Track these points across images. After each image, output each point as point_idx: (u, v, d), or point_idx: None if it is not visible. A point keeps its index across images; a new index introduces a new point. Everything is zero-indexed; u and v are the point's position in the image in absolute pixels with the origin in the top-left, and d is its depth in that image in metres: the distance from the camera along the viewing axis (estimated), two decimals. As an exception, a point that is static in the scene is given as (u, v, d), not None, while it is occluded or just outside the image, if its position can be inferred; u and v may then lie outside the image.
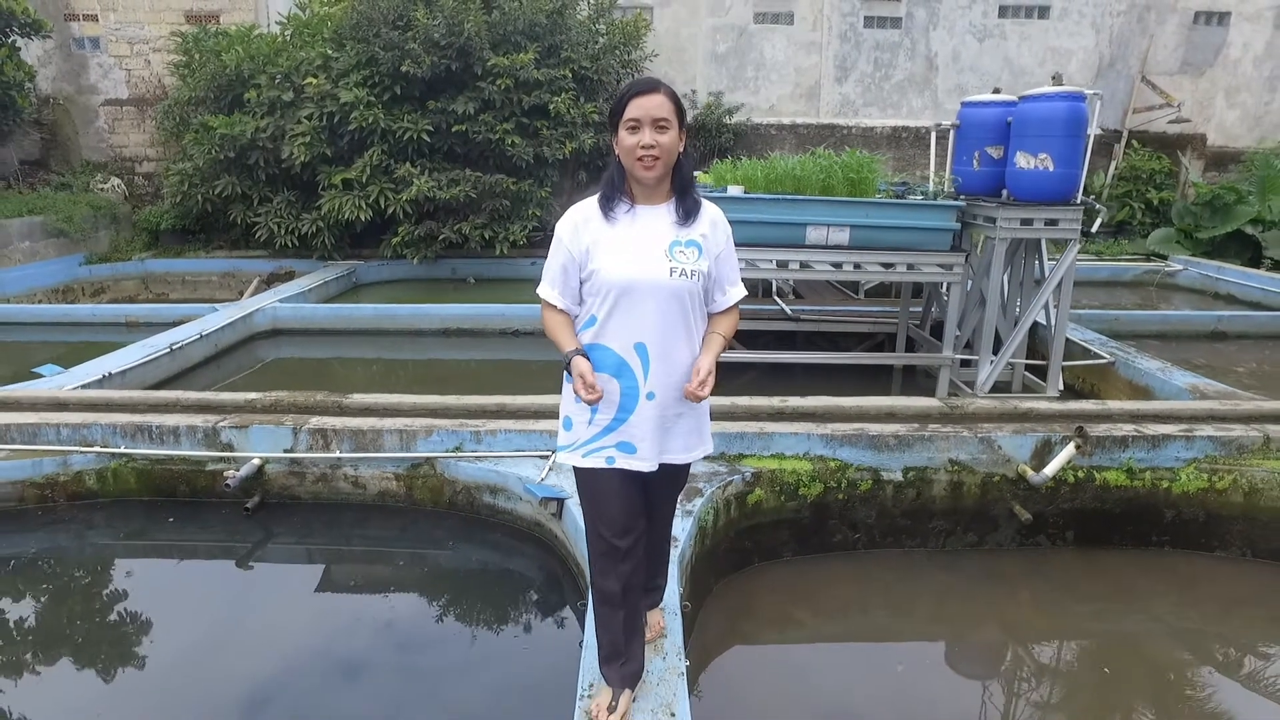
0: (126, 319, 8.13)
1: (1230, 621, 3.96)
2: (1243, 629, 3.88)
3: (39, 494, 4.22)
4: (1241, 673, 3.52)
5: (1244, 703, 3.27)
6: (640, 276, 2.13)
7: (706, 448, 2.37)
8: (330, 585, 3.92)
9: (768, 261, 5.79)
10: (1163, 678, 3.47)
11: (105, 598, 3.81)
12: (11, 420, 4.27)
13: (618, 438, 2.21)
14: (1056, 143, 5.58)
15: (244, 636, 3.53)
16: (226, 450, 4.26)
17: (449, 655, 3.38)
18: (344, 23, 9.76)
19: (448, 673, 3.28)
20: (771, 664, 3.57)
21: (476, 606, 3.71)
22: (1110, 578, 4.16)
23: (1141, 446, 4.24)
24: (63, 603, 3.78)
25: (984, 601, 4.03)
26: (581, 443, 2.25)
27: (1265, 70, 12.59)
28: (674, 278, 2.13)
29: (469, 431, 4.17)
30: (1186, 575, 4.22)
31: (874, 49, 12.43)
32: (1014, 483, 4.19)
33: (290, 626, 3.63)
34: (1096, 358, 6.42)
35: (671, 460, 2.29)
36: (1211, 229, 11.45)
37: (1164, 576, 4.22)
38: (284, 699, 3.08)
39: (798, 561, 4.16)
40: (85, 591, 3.88)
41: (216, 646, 3.42)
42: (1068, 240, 5.83)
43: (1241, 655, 3.65)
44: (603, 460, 2.23)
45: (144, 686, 3.21)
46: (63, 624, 3.61)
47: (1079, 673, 3.53)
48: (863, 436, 4.15)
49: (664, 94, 2.10)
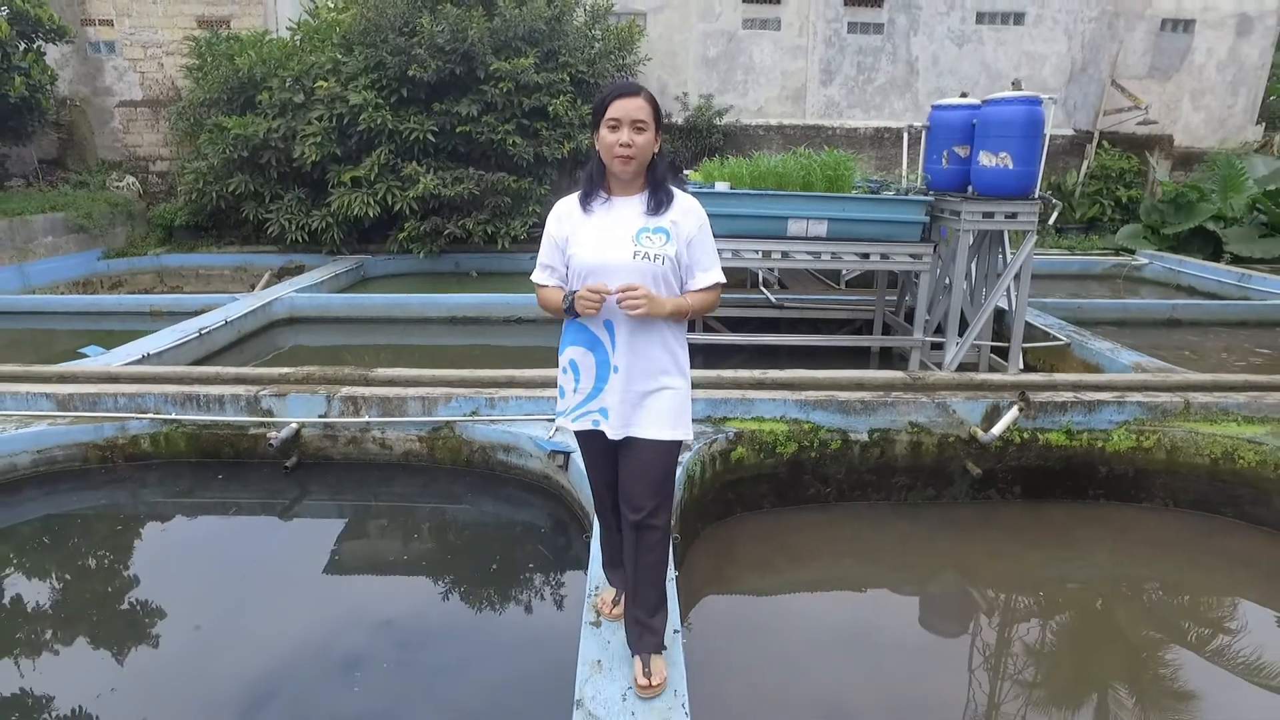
0: (151, 308, 8.63)
1: (1156, 564, 4.48)
2: (1168, 571, 4.40)
3: (100, 455, 4.73)
4: (1165, 609, 4.05)
5: (1168, 632, 3.80)
6: (606, 260, 2.31)
7: (678, 432, 2.42)
8: (360, 534, 4.45)
9: (752, 252, 6.31)
10: (1100, 615, 3.96)
11: (160, 545, 4.33)
12: (75, 390, 4.78)
13: (599, 403, 2.43)
14: (1016, 143, 6.09)
15: (286, 578, 4.05)
16: (266, 416, 4.78)
17: (469, 588, 3.90)
18: (353, 29, 10.28)
19: (468, 603, 3.80)
20: (751, 602, 4.06)
21: (493, 548, 4.24)
22: (1053, 527, 4.69)
23: (1079, 411, 4.79)
24: (124, 549, 4.29)
25: (942, 548, 4.54)
26: (571, 409, 2.49)
27: (1228, 75, 13.22)
28: (636, 260, 2.30)
29: (484, 398, 4.71)
30: (1119, 524, 4.75)
31: (857, 53, 13.01)
32: (967, 442, 4.74)
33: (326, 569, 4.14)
34: (1054, 340, 6.98)
35: (637, 434, 2.41)
36: (1176, 225, 12.04)
37: (1099, 525, 4.75)
38: (321, 629, 3.58)
39: (775, 512, 4.69)
40: (143, 539, 4.39)
41: (262, 586, 3.93)
42: (1026, 232, 6.38)
43: (1167, 594, 4.17)
44: (589, 423, 2.45)
45: (197, 619, 3.65)
46: (126, 567, 4.12)
47: (1027, 611, 4.03)
48: (833, 402, 4.70)
49: (643, 98, 2.27)
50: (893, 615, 4.01)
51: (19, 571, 4.00)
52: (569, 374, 2.46)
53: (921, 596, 4.18)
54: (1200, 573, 4.38)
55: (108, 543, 4.35)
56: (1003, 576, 4.30)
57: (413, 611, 3.76)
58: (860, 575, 4.32)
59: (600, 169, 2.37)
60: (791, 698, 3.28)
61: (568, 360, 2.46)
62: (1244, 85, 13.40)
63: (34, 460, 4.58)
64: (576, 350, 2.43)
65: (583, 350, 2.42)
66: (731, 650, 3.59)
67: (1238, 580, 4.30)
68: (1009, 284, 6.61)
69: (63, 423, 4.66)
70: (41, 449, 4.59)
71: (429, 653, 3.41)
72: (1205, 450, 4.65)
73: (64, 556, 4.18)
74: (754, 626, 3.83)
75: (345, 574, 4.07)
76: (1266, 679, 3.40)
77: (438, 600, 3.83)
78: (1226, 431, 4.67)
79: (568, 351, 2.46)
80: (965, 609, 4.12)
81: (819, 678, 3.43)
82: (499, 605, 3.77)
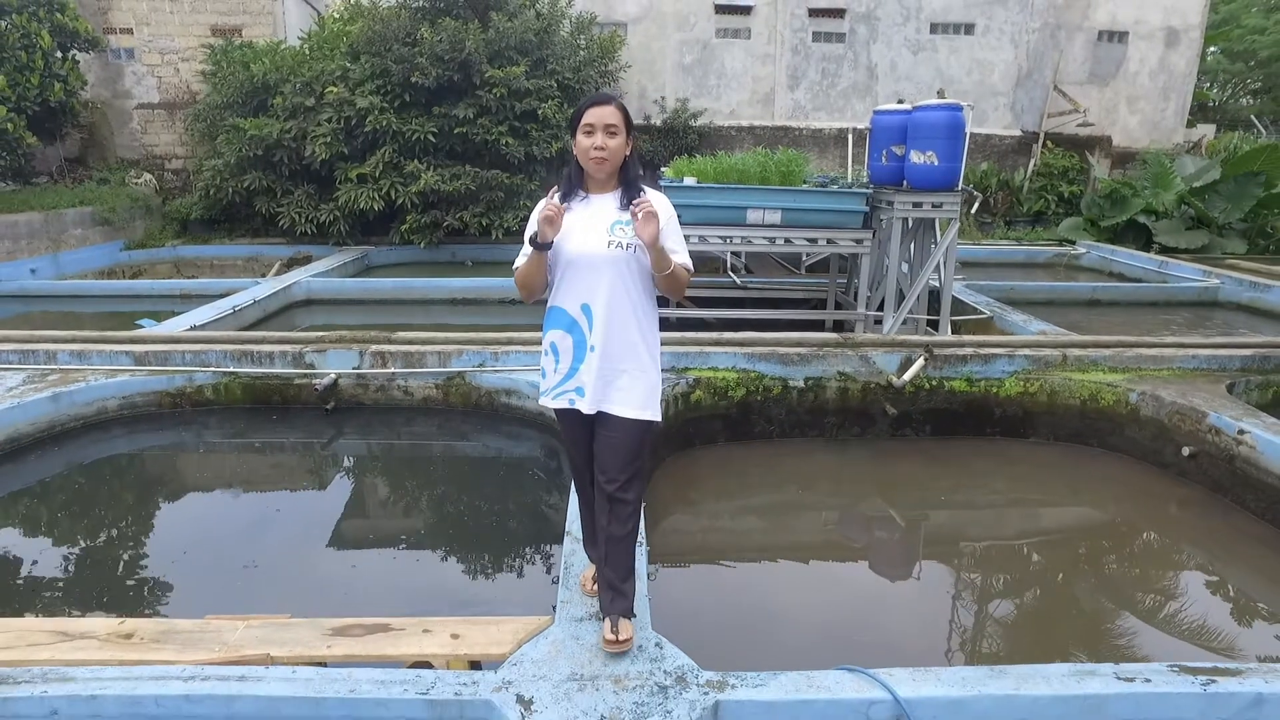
0: (181, 292, 9.59)
1: (1040, 486, 5.47)
2: (1049, 491, 5.40)
3: (172, 401, 5.71)
4: (1046, 519, 5.07)
5: (1048, 537, 4.81)
6: (583, 249, 2.53)
7: (647, 413, 2.60)
8: (387, 463, 5.47)
9: (716, 238, 7.34)
10: (994, 527, 4.92)
11: (222, 469, 5.34)
12: (150, 349, 5.77)
13: (575, 383, 2.61)
14: (940, 143, 7.12)
15: (327, 496, 5.06)
16: (309, 369, 5.77)
17: (475, 502, 4.92)
18: (360, 39, 11.26)
19: (474, 512, 4.83)
20: (706, 518, 4.95)
21: (498, 468, 5.27)
22: (957, 458, 5.69)
23: (977, 362, 5.86)
24: (194, 473, 5.29)
25: (867, 476, 5.53)
26: (553, 387, 2.67)
27: (1159, 82, 14.43)
28: (610, 249, 2.52)
29: (489, 352, 5.72)
30: (1010, 456, 5.78)
31: (821, 60, 14.11)
32: (885, 388, 5.79)
33: (359, 488, 5.16)
34: (979, 314, 8.08)
35: (610, 410, 2.60)
36: (1112, 218, 13.21)
37: (995, 457, 5.77)
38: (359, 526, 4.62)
39: (728, 446, 5.71)
40: (209, 466, 5.39)
41: (308, 502, 4.95)
42: (951, 219, 7.45)
43: (1048, 509, 5.20)
44: (566, 401, 2.64)
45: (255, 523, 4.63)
46: (197, 486, 5.13)
47: (937, 526, 4.93)
48: (775, 355, 5.74)
49: (614, 106, 2.49)
50: (826, 530, 4.94)
51: (120, 488, 5.01)
52: (550, 355, 2.67)
53: (851, 515, 5.13)
54: (1073, 491, 5.38)
55: (180, 468, 5.36)
56: (917, 499, 5.24)
57: (434, 508, 4.79)
58: (799, 498, 5.27)
59: (579, 171, 2.60)
60: (741, 601, 3.98)
61: (549, 343, 2.66)
62: (1174, 92, 14.63)
63: (119, 405, 5.56)
64: (557, 333, 2.62)
65: (562, 333, 2.61)
66: (690, 555, 4.46)
67: (1100, 496, 5.33)
68: (939, 263, 7.69)
69: (141, 375, 5.64)
70: (125, 395, 5.57)
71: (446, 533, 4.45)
72: (1076, 394, 5.72)
73: (148, 477, 5.20)
74: (709, 539, 4.71)
75: (375, 491, 5.09)
76: (1113, 565, 4.48)
77: (454, 502, 4.86)
78: (1093, 378, 5.75)
79: (549, 334, 2.66)
80: (886, 526, 4.99)
81: (762, 581, 4.24)
82: (503, 506, 4.80)
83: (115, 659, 2.50)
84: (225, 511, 4.81)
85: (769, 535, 4.77)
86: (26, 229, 10.52)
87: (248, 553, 4.15)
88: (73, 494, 4.87)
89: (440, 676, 2.44)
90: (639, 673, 2.49)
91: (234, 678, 2.39)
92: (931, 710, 2.41)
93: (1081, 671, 2.54)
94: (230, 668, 2.45)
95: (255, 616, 2.75)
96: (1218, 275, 10.14)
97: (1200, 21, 14.16)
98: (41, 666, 2.39)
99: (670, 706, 2.34)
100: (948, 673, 2.53)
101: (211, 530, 4.51)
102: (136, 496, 4.92)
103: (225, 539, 4.36)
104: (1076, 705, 2.43)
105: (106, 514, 4.66)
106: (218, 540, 4.34)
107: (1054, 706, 2.43)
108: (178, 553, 4.18)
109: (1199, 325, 8.90)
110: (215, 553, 4.16)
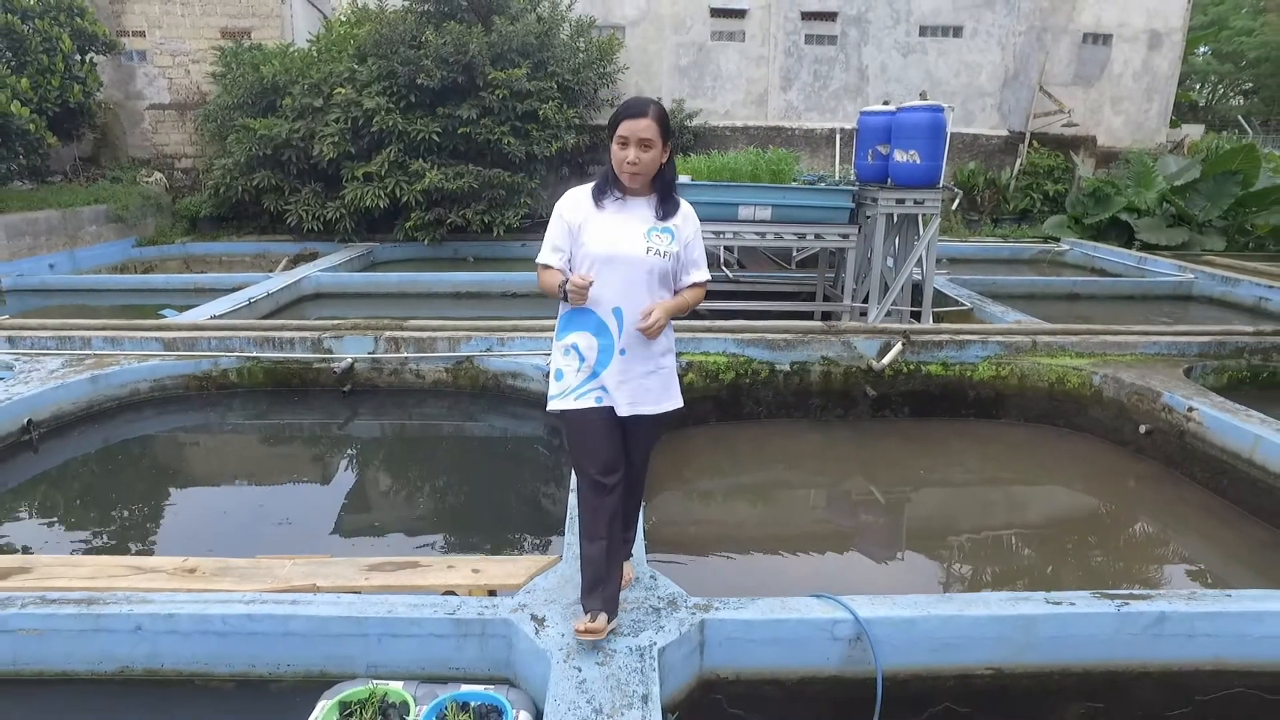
0: (195, 285, 9.97)
1: (1011, 464, 5.87)
2: (1019, 468, 5.81)
3: (199, 384, 6.10)
4: (1018, 494, 5.47)
5: (1020, 510, 5.24)
6: (620, 251, 2.54)
7: (676, 403, 2.74)
8: (400, 440, 5.86)
9: (710, 233, 7.72)
10: (969, 501, 5.30)
11: (246, 446, 5.73)
12: (178, 335, 6.16)
13: (598, 383, 2.62)
14: (923, 142, 7.50)
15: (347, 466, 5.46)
16: (327, 354, 6.17)
17: (486, 470, 5.32)
18: (367, 42, 11.65)
19: (485, 479, 5.22)
20: (699, 492, 5.34)
21: (504, 444, 5.67)
22: (935, 438, 6.08)
23: (952, 348, 6.27)
24: (221, 450, 5.69)
25: (849, 455, 5.91)
26: (573, 388, 2.63)
27: (1143, 84, 14.86)
28: (649, 255, 2.55)
29: (496, 338, 6.12)
30: (983, 436, 6.18)
31: (814, 62, 14.52)
32: (865, 372, 6.19)
33: (377, 460, 5.56)
34: (960, 305, 8.49)
35: (643, 411, 2.66)
36: (1096, 216, 13.63)
37: (969, 437, 6.17)
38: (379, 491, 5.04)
39: (719, 426, 6.10)
40: (234, 443, 5.79)
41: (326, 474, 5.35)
42: (932, 215, 7.85)
43: (1019, 485, 5.60)
44: (593, 400, 2.62)
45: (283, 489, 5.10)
46: (224, 461, 5.53)
47: (916, 501, 5.30)
48: (763, 340, 6.15)
49: (651, 117, 2.46)
50: (811, 504, 5.34)
51: (159, 460, 5.43)
52: (571, 355, 2.63)
53: (834, 490, 5.49)
54: (1040, 467, 5.79)
55: (210, 444, 5.77)
56: (896, 476, 5.63)
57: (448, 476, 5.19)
58: (785, 475, 5.67)
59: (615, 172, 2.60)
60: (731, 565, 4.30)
61: (570, 343, 2.63)
62: (1157, 93, 15.05)
63: (150, 387, 5.94)
64: (582, 335, 2.61)
65: (589, 335, 2.60)
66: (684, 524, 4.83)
67: (1067, 472, 5.72)
68: (921, 257, 8.09)
69: (170, 359, 6.03)
70: (156, 379, 5.95)
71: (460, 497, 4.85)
72: (1045, 377, 6.13)
73: (183, 451, 5.61)
74: (702, 510, 5.12)
75: (391, 462, 5.49)
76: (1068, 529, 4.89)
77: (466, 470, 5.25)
78: (1061, 363, 6.16)
79: (571, 336, 2.63)
80: (868, 500, 5.33)
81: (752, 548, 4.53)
82: (511, 473, 5.20)
83: (184, 588, 2.89)
84: (255, 480, 5.23)
85: (756, 508, 5.17)
86: (45, 226, 10.91)
87: (281, 511, 4.58)
88: (116, 464, 5.30)
89: (465, 601, 2.84)
90: (636, 599, 2.89)
91: (287, 601, 2.79)
92: (886, 629, 2.81)
93: (1016, 598, 2.94)
94: (283, 594, 2.84)
95: (300, 556, 3.15)
96: (1192, 270, 10.56)
97: (1182, 25, 14.59)
98: (124, 592, 2.78)
99: (663, 623, 2.74)
100: (902, 598, 2.94)
101: (244, 496, 4.94)
102: (175, 467, 5.36)
103: (258, 503, 4.79)
104: (1010, 625, 2.83)
105: (150, 481, 5.07)
106: (252, 503, 4.78)
107: (991, 625, 2.83)
108: (218, 513, 4.61)
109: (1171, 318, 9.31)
110: (251, 513, 4.60)
